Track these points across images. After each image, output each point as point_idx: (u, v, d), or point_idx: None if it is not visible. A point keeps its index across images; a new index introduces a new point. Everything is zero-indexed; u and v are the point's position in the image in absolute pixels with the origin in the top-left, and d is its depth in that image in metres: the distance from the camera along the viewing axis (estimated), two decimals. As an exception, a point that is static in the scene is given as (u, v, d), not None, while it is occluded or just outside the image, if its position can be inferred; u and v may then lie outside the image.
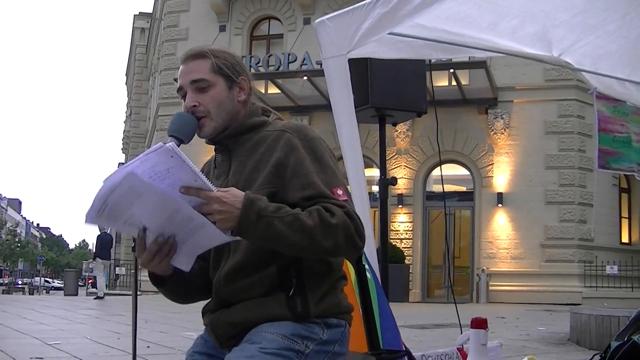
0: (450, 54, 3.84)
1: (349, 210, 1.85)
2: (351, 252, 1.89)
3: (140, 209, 1.73)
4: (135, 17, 42.74)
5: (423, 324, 10.52)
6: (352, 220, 1.84)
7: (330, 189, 1.88)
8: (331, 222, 1.80)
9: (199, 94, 2.01)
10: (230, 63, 2.04)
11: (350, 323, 2.03)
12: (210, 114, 2.01)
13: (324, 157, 1.95)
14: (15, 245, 74.99)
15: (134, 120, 41.70)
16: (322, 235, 1.78)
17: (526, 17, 3.56)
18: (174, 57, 23.81)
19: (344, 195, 1.90)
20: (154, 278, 1.99)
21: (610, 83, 4.30)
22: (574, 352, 7.21)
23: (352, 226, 1.83)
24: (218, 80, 2.02)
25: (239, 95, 2.05)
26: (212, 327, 1.98)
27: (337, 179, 1.94)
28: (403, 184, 20.38)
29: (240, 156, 2.03)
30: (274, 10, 23.35)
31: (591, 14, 3.59)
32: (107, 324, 10.09)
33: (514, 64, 19.02)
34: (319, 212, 1.81)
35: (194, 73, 2.02)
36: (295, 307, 1.88)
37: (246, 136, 2.04)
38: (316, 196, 1.86)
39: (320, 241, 1.79)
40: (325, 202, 1.85)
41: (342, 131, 3.25)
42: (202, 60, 2.03)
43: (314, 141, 1.97)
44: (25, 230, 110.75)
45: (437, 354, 3.71)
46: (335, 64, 3.23)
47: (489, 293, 19.15)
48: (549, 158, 19.85)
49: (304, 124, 2.08)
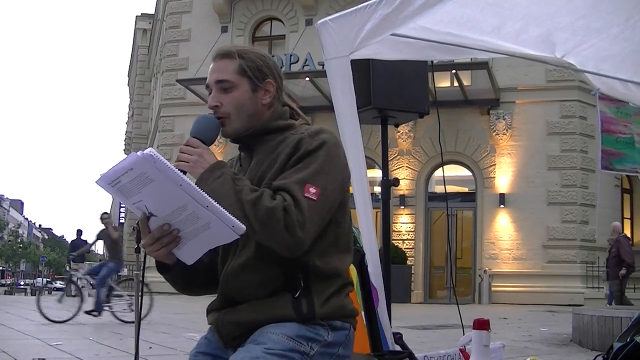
0: (453, 55, 3.83)
1: (290, 204, 1.80)
2: (279, 245, 1.82)
3: (147, 196, 1.76)
4: (138, 18, 42.81)
5: (425, 324, 10.52)
6: (286, 212, 1.79)
7: (304, 184, 1.85)
8: (265, 205, 1.80)
9: (222, 94, 2.02)
10: (257, 65, 2.04)
11: (355, 327, 2.03)
12: (230, 115, 2.01)
13: (321, 158, 1.91)
14: (17, 246, 75.11)
15: (136, 121, 41.74)
16: (254, 213, 1.80)
17: (530, 20, 3.55)
18: (176, 58, 23.83)
19: (314, 195, 1.84)
20: (158, 264, 1.99)
21: (613, 84, 4.30)
22: (577, 353, 7.20)
23: (283, 219, 1.79)
24: (242, 82, 2.02)
25: (263, 98, 2.04)
26: (217, 326, 1.98)
27: (319, 178, 1.88)
28: (405, 185, 20.38)
29: (260, 154, 2.04)
30: (276, 11, 23.36)
31: (595, 18, 3.59)
32: (109, 325, 10.10)
33: (516, 65, 19.00)
34: (261, 192, 1.84)
35: (219, 73, 2.03)
36: (301, 308, 1.88)
37: (269, 137, 2.04)
38: (281, 186, 1.86)
39: (251, 218, 1.79)
40: (279, 194, 1.84)
41: (345, 132, 3.25)
42: (229, 60, 2.04)
43: (323, 143, 1.94)
44: (28, 231, 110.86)
45: (440, 355, 3.71)
46: (338, 65, 3.23)
47: (491, 294, 19.13)
48: (551, 159, 19.83)
49: (327, 129, 2.02)
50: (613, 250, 12.60)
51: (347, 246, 2.04)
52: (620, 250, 12.37)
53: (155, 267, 2.00)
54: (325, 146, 1.93)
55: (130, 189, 1.74)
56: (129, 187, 1.73)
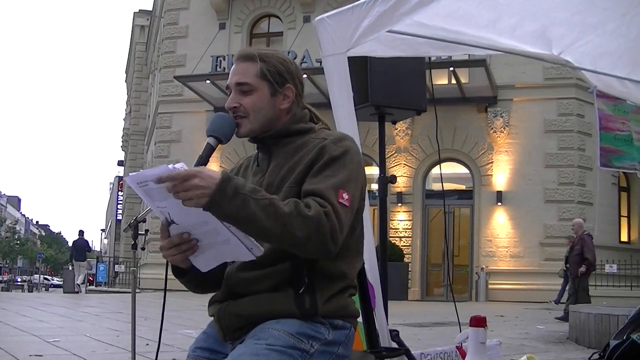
0: (450, 52, 3.83)
1: (330, 211, 1.80)
2: (320, 252, 1.82)
3: (171, 206, 1.78)
4: (135, 14, 42.75)
5: (422, 322, 10.53)
6: (328, 219, 1.79)
7: (337, 189, 1.87)
8: (307, 214, 1.77)
9: (241, 96, 2.03)
10: (278, 70, 2.04)
11: (356, 327, 2.04)
12: (249, 116, 2.03)
13: (349, 165, 1.94)
14: (14, 242, 75.04)
15: (134, 118, 41.72)
16: (296, 224, 1.75)
17: (526, 15, 3.55)
18: (173, 54, 23.80)
19: (347, 201, 1.87)
20: (174, 268, 2.01)
21: (610, 82, 4.30)
22: (573, 351, 7.22)
23: (328, 226, 1.79)
24: (262, 86, 2.03)
25: (281, 102, 2.05)
26: (218, 317, 1.98)
27: (350, 184, 1.91)
28: (402, 182, 20.39)
29: (279, 157, 2.04)
30: (274, 8, 23.34)
31: (591, 13, 3.59)
32: (106, 322, 10.09)
33: (513, 63, 19.01)
34: (295, 203, 1.79)
35: (240, 75, 2.04)
36: (303, 305, 1.89)
37: (289, 139, 2.05)
38: (315, 191, 1.85)
39: (293, 230, 1.75)
40: (313, 199, 1.83)
41: (342, 129, 3.24)
42: (250, 63, 2.04)
43: (347, 150, 1.96)
44: (25, 227, 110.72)
45: (436, 352, 3.71)
46: (335, 62, 3.22)
47: (488, 291, 19.16)
48: (548, 157, 19.85)
49: (347, 135, 2.06)
50: (576, 247, 12.51)
51: (358, 251, 2.07)
52: (584, 249, 12.32)
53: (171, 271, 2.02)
54: (349, 153, 1.96)
55: (156, 194, 1.77)
56: (155, 193, 1.76)
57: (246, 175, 2.14)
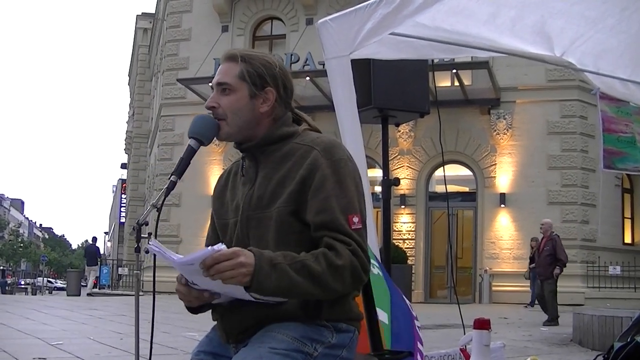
0: (452, 54, 3.84)
1: (355, 248, 1.85)
2: (357, 287, 1.95)
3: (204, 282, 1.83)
4: (138, 17, 42.82)
5: (425, 324, 10.50)
6: (357, 258, 1.85)
7: (346, 215, 1.88)
8: (338, 264, 1.81)
9: (221, 96, 2.03)
10: (259, 72, 2.01)
11: (360, 331, 2.04)
12: (227, 117, 2.01)
13: (346, 180, 1.92)
14: (18, 245, 75.18)
15: (137, 121, 41.76)
16: (332, 279, 1.81)
17: (524, 7, 3.54)
18: (176, 57, 23.83)
19: (358, 223, 1.89)
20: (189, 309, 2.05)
21: (613, 84, 4.29)
22: (577, 353, 7.20)
23: (359, 264, 1.85)
24: (241, 87, 2.01)
25: (261, 106, 2.02)
26: (222, 320, 1.99)
27: (355, 204, 1.92)
28: (406, 185, 20.37)
29: (267, 167, 2.01)
30: (277, 11, 23.36)
31: (590, 6, 3.57)
32: (109, 325, 10.10)
33: (516, 65, 18.99)
34: (325, 256, 1.82)
35: (222, 75, 2.03)
36: (308, 308, 1.89)
37: (274, 146, 2.03)
38: (327, 224, 1.86)
39: (330, 285, 1.81)
40: (333, 237, 1.85)
41: (345, 132, 3.25)
42: (233, 63, 2.03)
43: (339, 162, 1.94)
44: (28, 230, 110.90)
45: (440, 354, 3.70)
46: (338, 64, 3.23)
47: (491, 293, 19.13)
48: (551, 158, 19.82)
49: (334, 140, 2.02)
50: (547, 248, 12.39)
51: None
52: (556, 249, 12.23)
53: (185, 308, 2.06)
54: (342, 165, 1.94)
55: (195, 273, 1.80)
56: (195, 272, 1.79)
57: (236, 183, 2.12)
